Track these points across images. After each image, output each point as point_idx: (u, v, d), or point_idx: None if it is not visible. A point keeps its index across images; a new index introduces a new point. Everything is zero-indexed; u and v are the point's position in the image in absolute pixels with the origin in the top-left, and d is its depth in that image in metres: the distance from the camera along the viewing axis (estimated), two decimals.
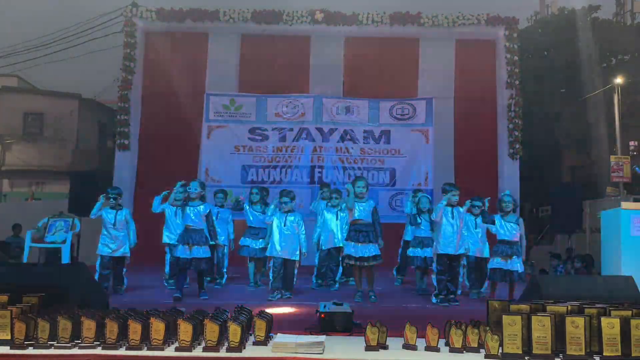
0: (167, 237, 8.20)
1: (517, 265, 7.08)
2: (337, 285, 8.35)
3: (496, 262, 7.14)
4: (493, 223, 7.24)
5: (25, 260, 8.62)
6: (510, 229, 7.15)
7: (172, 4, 12.84)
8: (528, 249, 13.22)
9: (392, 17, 12.53)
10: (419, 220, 7.84)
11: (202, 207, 7.30)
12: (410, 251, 8.04)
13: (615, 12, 21.85)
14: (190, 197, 7.32)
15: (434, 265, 7.31)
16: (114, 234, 7.70)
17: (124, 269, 7.84)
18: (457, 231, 7.23)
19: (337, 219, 8.34)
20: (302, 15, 12.52)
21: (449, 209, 7.23)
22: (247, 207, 8.35)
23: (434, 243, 7.41)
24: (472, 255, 7.95)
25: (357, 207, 7.24)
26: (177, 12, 12.63)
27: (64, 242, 8.63)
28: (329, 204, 8.52)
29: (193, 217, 7.22)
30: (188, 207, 7.27)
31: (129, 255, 7.88)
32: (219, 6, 12.66)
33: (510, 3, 22.08)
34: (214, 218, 7.58)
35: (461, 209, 7.31)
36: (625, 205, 7.30)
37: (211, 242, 7.48)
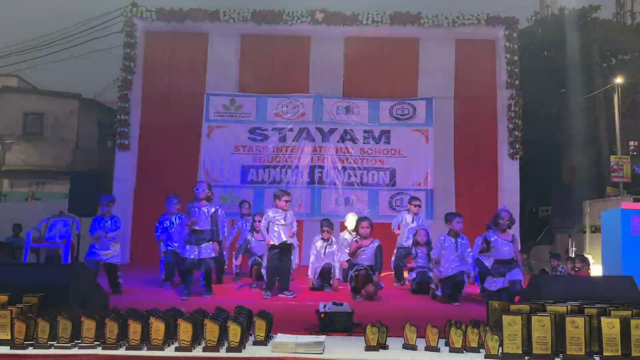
0: (169, 245, 8.00)
1: (518, 275, 6.67)
2: None
3: (495, 283, 6.72)
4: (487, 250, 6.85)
5: (25, 260, 8.59)
6: (505, 247, 6.77)
7: (172, 4, 12.85)
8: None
9: (392, 17, 12.54)
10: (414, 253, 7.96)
11: (208, 207, 7.18)
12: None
13: (615, 12, 21.82)
14: (197, 197, 7.20)
15: (439, 291, 7.21)
16: (104, 241, 7.43)
17: (119, 276, 7.49)
18: (459, 255, 7.17)
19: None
20: (302, 15, 12.53)
21: (451, 239, 7.19)
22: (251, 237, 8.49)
23: (433, 269, 7.38)
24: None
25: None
26: (177, 12, 12.65)
27: (64, 242, 8.60)
28: (321, 236, 8.38)
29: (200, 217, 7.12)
30: (194, 209, 7.13)
31: (118, 262, 7.55)
32: (219, 6, 12.68)
33: (510, 3, 22.12)
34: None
35: (465, 240, 7.22)
36: (625, 205, 7.32)
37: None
